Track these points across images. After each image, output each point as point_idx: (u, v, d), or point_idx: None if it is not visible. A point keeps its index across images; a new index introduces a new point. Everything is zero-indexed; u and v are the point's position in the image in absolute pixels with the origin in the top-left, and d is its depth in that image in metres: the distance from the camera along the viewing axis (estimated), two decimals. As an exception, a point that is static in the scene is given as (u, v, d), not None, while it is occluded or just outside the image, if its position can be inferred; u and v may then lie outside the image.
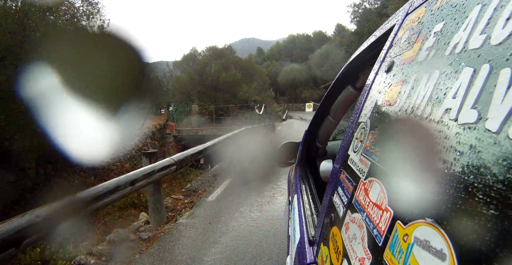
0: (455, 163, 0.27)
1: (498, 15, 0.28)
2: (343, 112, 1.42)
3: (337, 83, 1.26)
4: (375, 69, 0.63)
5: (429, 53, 0.40)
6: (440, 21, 0.41)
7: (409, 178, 0.35)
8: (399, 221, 0.34)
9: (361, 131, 0.58)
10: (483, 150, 0.24)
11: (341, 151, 0.69)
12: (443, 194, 0.27)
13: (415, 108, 0.38)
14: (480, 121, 0.25)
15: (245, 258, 2.39)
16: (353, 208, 0.50)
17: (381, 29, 0.75)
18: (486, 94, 0.25)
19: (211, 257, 2.43)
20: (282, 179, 4.48)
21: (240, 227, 3.01)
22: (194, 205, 3.85)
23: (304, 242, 0.82)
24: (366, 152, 0.51)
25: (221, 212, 3.47)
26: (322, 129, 1.58)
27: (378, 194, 0.41)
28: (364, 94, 0.64)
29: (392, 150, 0.43)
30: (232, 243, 2.66)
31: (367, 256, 0.40)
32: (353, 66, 1.08)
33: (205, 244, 2.67)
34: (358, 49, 1.00)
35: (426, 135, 0.33)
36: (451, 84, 0.31)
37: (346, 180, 0.58)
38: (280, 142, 1.76)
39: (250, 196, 3.96)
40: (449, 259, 0.24)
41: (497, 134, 0.23)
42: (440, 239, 0.26)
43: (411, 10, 0.56)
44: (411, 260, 0.29)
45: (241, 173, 5.29)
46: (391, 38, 0.60)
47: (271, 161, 3.79)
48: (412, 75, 0.43)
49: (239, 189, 4.41)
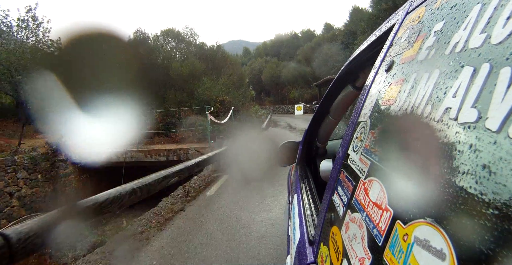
0: (455, 163, 0.27)
1: (498, 14, 0.28)
2: (343, 111, 1.42)
3: (337, 82, 1.26)
4: (375, 68, 0.63)
5: (429, 52, 0.40)
6: (440, 20, 0.41)
7: (409, 178, 0.35)
8: (399, 221, 0.34)
9: (361, 131, 0.58)
10: (483, 149, 0.24)
11: (341, 150, 0.69)
12: (443, 193, 0.27)
13: (415, 107, 0.38)
14: (480, 120, 0.25)
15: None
16: (353, 208, 0.50)
17: (381, 28, 0.75)
18: (486, 93, 0.25)
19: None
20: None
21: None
22: None
23: (304, 242, 0.82)
24: (366, 151, 0.51)
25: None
26: (322, 129, 1.58)
27: (378, 194, 0.41)
28: (364, 93, 0.64)
29: (392, 150, 0.43)
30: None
31: (367, 256, 0.40)
32: (353, 65, 1.08)
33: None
34: (358, 49, 1.00)
35: (426, 134, 0.33)
36: (451, 83, 0.31)
37: (346, 180, 0.58)
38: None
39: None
40: (449, 259, 0.24)
41: (497, 133, 0.23)
42: (440, 238, 0.26)
43: (411, 9, 0.56)
44: (411, 260, 0.29)
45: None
46: (391, 37, 0.60)
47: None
48: (412, 74, 0.43)
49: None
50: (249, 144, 5.33)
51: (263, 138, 8.51)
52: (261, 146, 3.85)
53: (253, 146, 4.56)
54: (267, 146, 3.20)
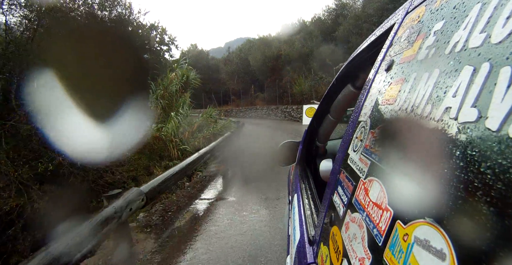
0: (455, 162, 0.27)
1: (498, 13, 0.28)
2: (343, 111, 1.42)
3: (337, 82, 1.26)
4: (375, 68, 0.63)
5: (429, 51, 0.40)
6: (440, 20, 0.41)
7: (409, 178, 0.35)
8: (399, 221, 0.34)
9: (361, 130, 0.58)
10: (483, 149, 0.24)
11: (341, 150, 0.69)
12: (443, 193, 0.27)
13: (415, 107, 0.38)
14: (480, 119, 0.25)
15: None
16: (353, 208, 0.50)
17: (381, 28, 0.75)
18: (486, 92, 0.25)
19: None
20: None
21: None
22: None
23: (304, 242, 0.82)
24: (366, 151, 0.51)
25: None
26: (322, 128, 1.58)
27: (378, 194, 0.41)
28: (364, 93, 0.64)
29: (392, 149, 0.43)
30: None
31: (367, 256, 0.40)
32: (353, 65, 1.08)
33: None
34: (358, 48, 1.00)
35: (426, 134, 0.33)
36: (451, 83, 0.31)
37: (346, 180, 0.58)
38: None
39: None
40: (449, 259, 0.24)
41: (497, 132, 0.23)
42: (440, 238, 0.26)
43: (411, 9, 0.56)
44: (411, 260, 0.29)
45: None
46: (391, 37, 0.60)
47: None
48: (412, 74, 0.43)
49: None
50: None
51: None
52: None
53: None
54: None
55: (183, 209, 3.73)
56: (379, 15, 13.70)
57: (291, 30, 20.03)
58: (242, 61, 22.85)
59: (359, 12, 15.86)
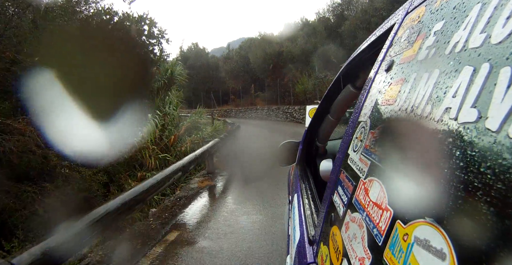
0: (455, 162, 0.27)
1: (498, 14, 0.28)
2: (343, 111, 1.42)
3: (337, 82, 1.26)
4: (375, 68, 0.63)
5: (429, 52, 0.40)
6: (440, 20, 0.41)
7: (409, 178, 0.35)
8: (399, 221, 0.34)
9: (361, 130, 0.58)
10: (483, 149, 0.24)
11: (341, 150, 0.69)
12: (443, 193, 0.27)
13: (415, 107, 0.38)
14: (480, 120, 0.25)
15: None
16: (353, 208, 0.50)
17: (381, 28, 0.75)
18: (486, 93, 0.25)
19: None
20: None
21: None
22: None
23: (304, 242, 0.82)
24: (366, 151, 0.51)
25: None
26: (322, 128, 1.58)
27: (378, 194, 0.41)
28: (364, 93, 0.64)
29: (392, 150, 0.43)
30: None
31: (367, 256, 0.40)
32: (353, 65, 1.08)
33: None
34: (358, 48, 1.00)
35: (426, 134, 0.33)
36: (451, 83, 0.31)
37: (346, 180, 0.58)
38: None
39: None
40: (449, 259, 0.24)
41: (497, 133, 0.23)
42: (440, 238, 0.26)
43: (411, 9, 0.56)
44: (411, 260, 0.29)
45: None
46: (391, 37, 0.60)
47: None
48: (412, 74, 0.43)
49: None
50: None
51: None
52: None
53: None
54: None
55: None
56: (389, 9, 12.75)
57: (293, 29, 18.73)
58: (242, 59, 21.26)
59: (366, 6, 14.99)
